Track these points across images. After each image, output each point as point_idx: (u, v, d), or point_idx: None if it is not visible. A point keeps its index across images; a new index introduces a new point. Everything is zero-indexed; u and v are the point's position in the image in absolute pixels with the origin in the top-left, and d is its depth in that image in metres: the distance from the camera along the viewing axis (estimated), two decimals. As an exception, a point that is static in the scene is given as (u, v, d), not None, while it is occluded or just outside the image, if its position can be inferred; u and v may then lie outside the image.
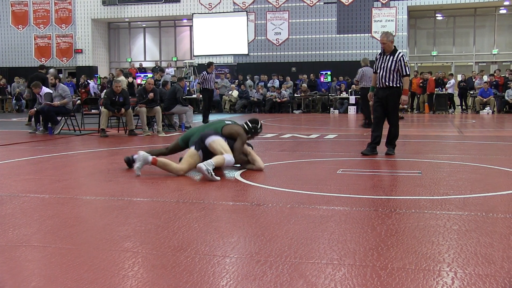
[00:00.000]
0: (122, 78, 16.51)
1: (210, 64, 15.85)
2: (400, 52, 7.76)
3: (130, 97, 12.15)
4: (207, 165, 5.69)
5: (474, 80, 22.18)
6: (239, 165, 6.46)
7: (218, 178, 5.73)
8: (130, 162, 6.54)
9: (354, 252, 3.16)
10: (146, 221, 3.94)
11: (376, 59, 7.92)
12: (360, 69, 14.01)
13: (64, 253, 3.17)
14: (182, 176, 6.04)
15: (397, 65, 7.63)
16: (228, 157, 6.01)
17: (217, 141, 6.09)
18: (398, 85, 7.71)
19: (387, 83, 7.70)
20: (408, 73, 7.69)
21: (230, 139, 6.29)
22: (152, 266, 2.96)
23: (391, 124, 7.89)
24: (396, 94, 7.77)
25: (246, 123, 6.59)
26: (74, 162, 7.83)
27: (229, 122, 6.55)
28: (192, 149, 6.22)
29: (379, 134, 7.84)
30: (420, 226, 3.73)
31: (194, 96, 22.27)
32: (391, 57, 7.68)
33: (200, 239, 3.49)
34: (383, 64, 7.74)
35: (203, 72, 15.61)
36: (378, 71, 7.80)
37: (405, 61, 7.67)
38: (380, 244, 3.29)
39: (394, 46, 7.83)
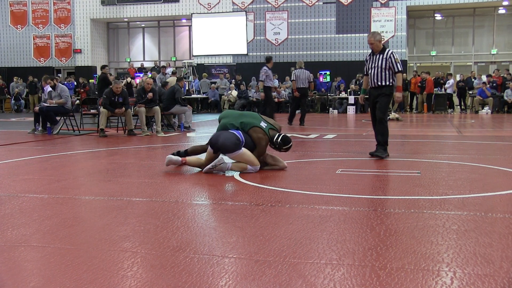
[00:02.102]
0: (172, 79, 16.44)
1: (270, 58, 14.46)
2: (389, 50, 7.61)
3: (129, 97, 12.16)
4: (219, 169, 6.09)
5: (473, 80, 22.21)
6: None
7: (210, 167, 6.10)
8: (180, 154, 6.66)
9: (353, 252, 3.16)
10: (145, 221, 3.94)
11: (366, 61, 7.78)
12: (294, 70, 14.72)
13: (63, 253, 3.17)
14: (182, 176, 6.04)
15: (388, 62, 7.47)
16: (252, 168, 6.17)
17: (240, 155, 6.12)
18: (390, 83, 7.53)
19: (379, 82, 7.54)
20: (400, 69, 7.51)
21: (252, 140, 6.30)
22: (151, 266, 2.96)
23: (377, 121, 7.59)
24: (387, 92, 7.56)
25: (278, 136, 6.51)
26: (73, 162, 7.82)
27: (264, 125, 6.43)
28: (209, 148, 6.30)
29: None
30: (419, 226, 3.73)
31: (193, 96, 22.24)
32: (381, 56, 7.53)
33: (199, 239, 3.49)
34: (373, 64, 7.59)
35: (264, 68, 13.96)
36: (370, 71, 7.64)
37: (395, 57, 7.51)
38: (379, 244, 3.29)
39: (383, 45, 7.69)
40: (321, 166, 7.01)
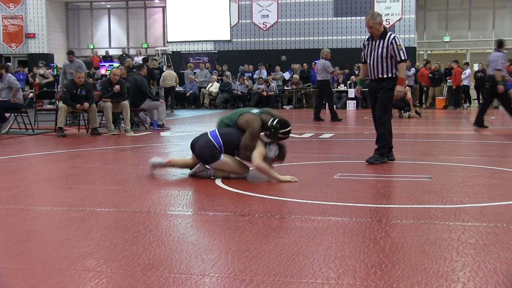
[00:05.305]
0: (169, 72, 16.13)
1: (502, 42, 14.36)
2: (391, 34, 7.36)
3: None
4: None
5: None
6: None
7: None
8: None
9: (353, 270, 3.17)
10: (112, 235, 3.93)
11: (364, 46, 7.59)
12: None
13: (14, 274, 3.14)
14: (155, 182, 6.03)
15: (389, 50, 7.25)
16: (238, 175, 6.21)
17: (221, 165, 6.11)
18: (392, 75, 7.33)
19: (379, 75, 7.36)
20: (404, 58, 7.27)
21: (242, 130, 6.21)
22: (119, 288, 2.95)
23: (377, 123, 7.48)
24: (389, 85, 7.34)
25: (273, 120, 6.21)
26: (26, 166, 7.77)
27: (255, 111, 6.36)
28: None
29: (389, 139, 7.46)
30: (430, 239, 3.76)
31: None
32: (381, 42, 7.31)
33: (175, 256, 3.49)
34: (372, 52, 7.40)
35: (500, 54, 13.57)
36: (368, 60, 7.48)
37: (398, 44, 7.26)
38: (384, 261, 3.31)
39: (384, 28, 7.45)
40: (317, 170, 7.03)
